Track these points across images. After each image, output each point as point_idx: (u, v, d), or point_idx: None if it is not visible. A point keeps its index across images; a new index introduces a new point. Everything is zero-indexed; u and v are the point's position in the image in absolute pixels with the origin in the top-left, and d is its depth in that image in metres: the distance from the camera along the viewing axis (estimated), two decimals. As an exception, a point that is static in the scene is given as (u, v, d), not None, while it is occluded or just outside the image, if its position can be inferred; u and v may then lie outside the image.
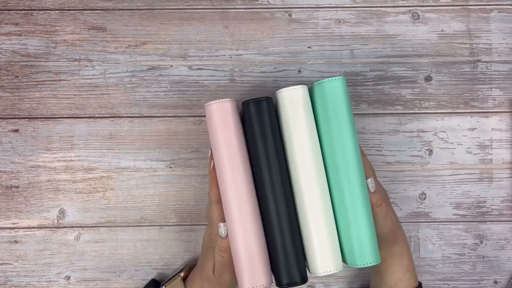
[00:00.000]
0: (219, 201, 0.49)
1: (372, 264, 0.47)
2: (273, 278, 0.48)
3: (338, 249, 0.47)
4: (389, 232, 0.50)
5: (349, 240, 0.47)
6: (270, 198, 0.47)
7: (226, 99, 0.48)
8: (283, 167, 0.47)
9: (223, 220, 0.49)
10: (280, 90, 0.48)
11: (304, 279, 0.47)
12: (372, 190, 0.48)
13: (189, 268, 0.56)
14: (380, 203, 0.48)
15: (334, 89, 0.47)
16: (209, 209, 0.51)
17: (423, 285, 0.59)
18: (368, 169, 0.51)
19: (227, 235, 0.48)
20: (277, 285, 0.47)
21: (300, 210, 0.48)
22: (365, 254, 0.46)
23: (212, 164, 0.50)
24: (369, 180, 0.48)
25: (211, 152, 0.49)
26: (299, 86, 0.48)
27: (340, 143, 0.47)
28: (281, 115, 0.48)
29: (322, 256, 0.47)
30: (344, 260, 0.48)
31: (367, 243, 0.46)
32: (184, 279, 0.54)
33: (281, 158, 0.47)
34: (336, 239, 0.48)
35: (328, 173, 0.48)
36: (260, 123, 0.47)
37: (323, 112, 0.48)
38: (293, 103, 0.48)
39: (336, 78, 0.47)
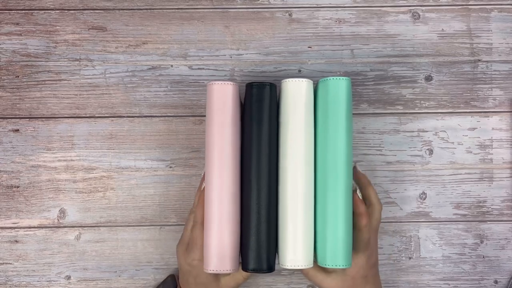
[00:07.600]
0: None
1: (342, 267, 0.46)
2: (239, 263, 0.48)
3: (312, 245, 0.47)
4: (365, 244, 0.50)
5: (324, 238, 0.47)
6: (253, 182, 0.47)
7: (229, 82, 0.48)
8: (272, 154, 0.47)
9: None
10: (285, 80, 0.48)
11: (271, 268, 0.47)
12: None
13: None
14: (363, 211, 0.49)
15: (337, 89, 0.47)
16: (192, 230, 0.50)
17: (423, 285, 0.59)
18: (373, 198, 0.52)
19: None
20: (242, 268, 0.47)
21: (281, 200, 0.47)
22: (337, 255, 0.46)
23: (202, 186, 0.49)
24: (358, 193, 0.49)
25: (204, 174, 0.49)
26: (304, 80, 0.48)
27: (333, 142, 0.47)
28: (281, 105, 0.48)
29: (294, 250, 0.46)
30: (315, 257, 0.48)
31: (341, 244, 0.46)
32: None
33: (272, 145, 0.47)
34: (312, 235, 0.47)
35: (316, 170, 0.48)
36: (258, 107, 0.47)
37: (322, 109, 0.48)
38: (295, 95, 0.48)
39: (341, 78, 0.47)
